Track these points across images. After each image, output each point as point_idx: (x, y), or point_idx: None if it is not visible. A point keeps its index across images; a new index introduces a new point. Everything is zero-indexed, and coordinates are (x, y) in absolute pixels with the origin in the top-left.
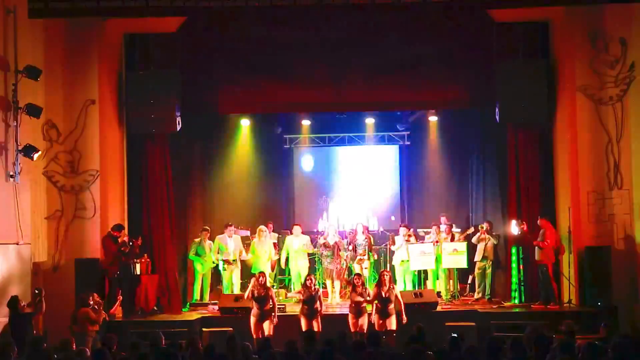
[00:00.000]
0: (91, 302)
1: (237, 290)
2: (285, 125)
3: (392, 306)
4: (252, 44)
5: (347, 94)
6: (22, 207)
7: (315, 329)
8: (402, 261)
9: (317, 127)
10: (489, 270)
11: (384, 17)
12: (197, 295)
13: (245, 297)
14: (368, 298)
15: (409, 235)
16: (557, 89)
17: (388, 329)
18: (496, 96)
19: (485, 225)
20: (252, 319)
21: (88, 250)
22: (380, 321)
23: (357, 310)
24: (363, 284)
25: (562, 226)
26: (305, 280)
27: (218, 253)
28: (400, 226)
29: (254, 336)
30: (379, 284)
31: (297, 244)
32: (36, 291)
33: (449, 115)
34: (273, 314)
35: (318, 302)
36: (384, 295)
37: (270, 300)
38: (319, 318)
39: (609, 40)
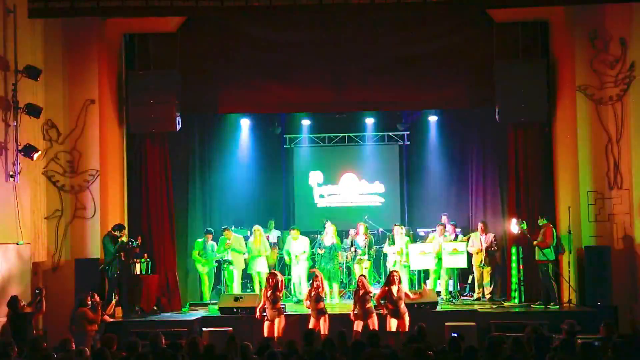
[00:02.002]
0: (89, 302)
1: (237, 291)
2: (285, 125)
3: (403, 306)
4: (252, 44)
5: (347, 94)
6: (22, 207)
7: (322, 328)
8: (395, 262)
9: (317, 127)
10: (487, 274)
11: (383, 16)
12: (206, 296)
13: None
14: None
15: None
16: (557, 88)
17: (401, 330)
18: (496, 96)
19: (482, 226)
20: (267, 321)
21: (88, 250)
22: (392, 322)
23: (364, 312)
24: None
25: (562, 226)
26: (313, 280)
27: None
28: (394, 226)
29: (266, 335)
30: (389, 283)
31: (296, 247)
32: (37, 291)
33: (449, 115)
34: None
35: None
36: (395, 295)
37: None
38: (327, 317)
39: (609, 40)
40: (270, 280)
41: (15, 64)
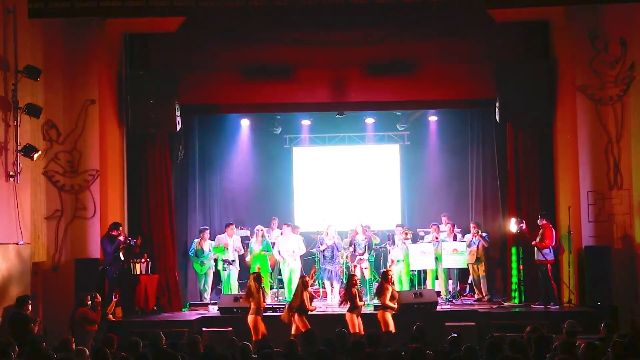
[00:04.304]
0: (89, 302)
1: (236, 290)
2: (285, 125)
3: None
4: (252, 43)
5: (347, 94)
6: (22, 207)
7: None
8: (398, 261)
9: (317, 127)
10: (483, 272)
11: (383, 17)
12: (204, 295)
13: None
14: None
15: (406, 233)
16: (557, 89)
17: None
18: (496, 96)
19: (473, 226)
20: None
21: (88, 250)
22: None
23: (357, 309)
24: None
25: (562, 226)
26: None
27: (217, 252)
28: (396, 226)
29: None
30: (389, 282)
31: (287, 245)
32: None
33: (449, 115)
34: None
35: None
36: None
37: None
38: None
39: (609, 40)
40: (258, 281)
41: (15, 64)
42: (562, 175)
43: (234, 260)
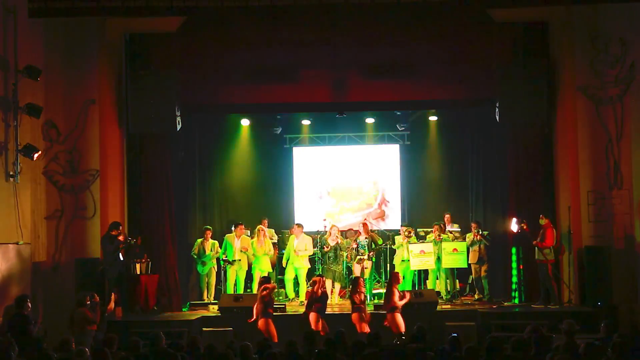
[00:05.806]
0: (88, 302)
1: (240, 290)
2: (285, 125)
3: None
4: (252, 43)
5: (347, 94)
6: (22, 207)
7: (321, 328)
8: (402, 261)
9: (317, 127)
10: (484, 273)
11: (383, 17)
12: (205, 295)
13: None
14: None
15: (409, 232)
16: (557, 89)
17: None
18: (496, 96)
19: (474, 226)
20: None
21: (88, 250)
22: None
23: (363, 310)
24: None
25: (562, 226)
26: (315, 280)
27: (225, 252)
28: (401, 227)
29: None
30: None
31: (297, 245)
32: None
33: (449, 115)
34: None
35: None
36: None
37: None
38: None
39: (609, 40)
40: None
41: (15, 64)
42: (562, 175)
43: (239, 260)
